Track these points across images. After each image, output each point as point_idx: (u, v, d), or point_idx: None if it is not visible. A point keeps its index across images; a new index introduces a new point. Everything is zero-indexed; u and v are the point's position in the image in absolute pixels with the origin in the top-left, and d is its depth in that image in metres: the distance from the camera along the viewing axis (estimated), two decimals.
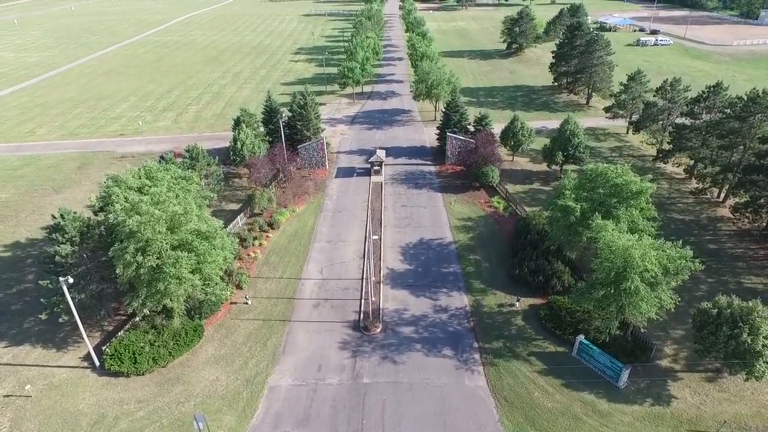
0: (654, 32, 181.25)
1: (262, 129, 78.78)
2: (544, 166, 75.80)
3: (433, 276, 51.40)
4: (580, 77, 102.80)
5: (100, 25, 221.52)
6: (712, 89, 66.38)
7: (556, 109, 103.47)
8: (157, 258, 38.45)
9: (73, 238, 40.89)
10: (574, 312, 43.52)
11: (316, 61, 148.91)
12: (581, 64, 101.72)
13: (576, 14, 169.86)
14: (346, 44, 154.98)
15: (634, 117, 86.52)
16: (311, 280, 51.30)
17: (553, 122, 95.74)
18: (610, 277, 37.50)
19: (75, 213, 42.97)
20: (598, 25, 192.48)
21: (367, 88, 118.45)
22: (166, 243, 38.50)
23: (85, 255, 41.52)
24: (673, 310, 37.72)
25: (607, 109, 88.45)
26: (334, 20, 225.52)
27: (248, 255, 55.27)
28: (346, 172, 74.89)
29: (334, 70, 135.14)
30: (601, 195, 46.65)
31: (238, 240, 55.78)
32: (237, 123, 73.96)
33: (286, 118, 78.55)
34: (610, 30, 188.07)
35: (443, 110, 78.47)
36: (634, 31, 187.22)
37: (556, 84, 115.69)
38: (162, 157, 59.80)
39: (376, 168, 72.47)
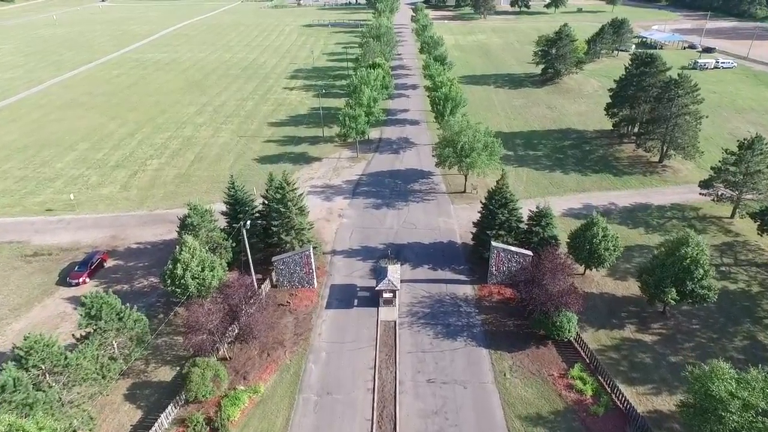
0: (708, 50, 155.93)
1: (222, 221, 55.54)
2: (631, 286, 51.95)
3: None
4: (653, 129, 78.29)
5: (80, 37, 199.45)
6: None
7: (622, 170, 79.08)
8: None
9: None
10: None
11: (314, 88, 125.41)
12: (656, 112, 77.29)
13: (620, 30, 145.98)
14: (348, 70, 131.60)
15: (747, 197, 62.55)
16: None
17: (622, 194, 71.85)
18: None
19: None
20: (639, 40, 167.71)
21: (375, 133, 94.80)
22: None
23: None
24: None
25: (705, 184, 64.22)
26: (338, 32, 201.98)
27: None
28: (343, 297, 51.26)
29: (334, 102, 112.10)
30: None
31: None
32: (183, 226, 50.56)
33: (256, 213, 55.19)
34: (654, 47, 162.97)
35: (484, 202, 54.39)
36: (684, 48, 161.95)
37: (614, 131, 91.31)
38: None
39: (386, 296, 48.89)
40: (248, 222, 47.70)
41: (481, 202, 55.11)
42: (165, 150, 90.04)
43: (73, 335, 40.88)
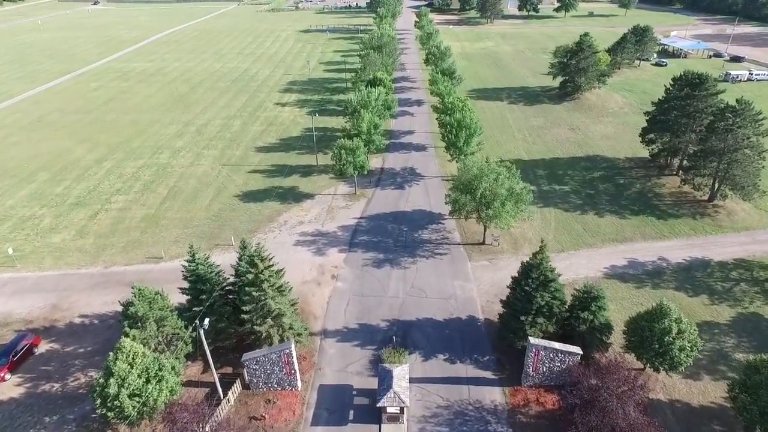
0: (737, 59, 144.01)
1: (180, 299, 43.68)
2: (708, 388, 40.16)
3: None
4: (703, 163, 66.31)
5: (63, 44, 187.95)
6: None
7: (666, 212, 67.14)
8: None
9: None
10: None
11: (309, 104, 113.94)
12: (708, 143, 65.35)
13: (643, 38, 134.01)
14: (347, 83, 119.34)
15: None
16: None
17: (672, 245, 59.98)
18: None
19: None
20: (660, 48, 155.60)
21: (376, 161, 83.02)
22: None
23: None
24: None
25: None
26: (337, 38, 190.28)
27: None
28: (336, 405, 39.39)
29: (330, 122, 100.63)
30: None
31: None
32: (125, 316, 38.75)
33: (227, 286, 43.41)
34: (677, 56, 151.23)
35: (516, 277, 42.52)
36: (710, 57, 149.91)
37: (652, 162, 79.53)
38: None
39: (391, 412, 37.10)
40: (207, 321, 35.83)
41: (512, 277, 43.23)
42: (135, 183, 78.26)
43: None
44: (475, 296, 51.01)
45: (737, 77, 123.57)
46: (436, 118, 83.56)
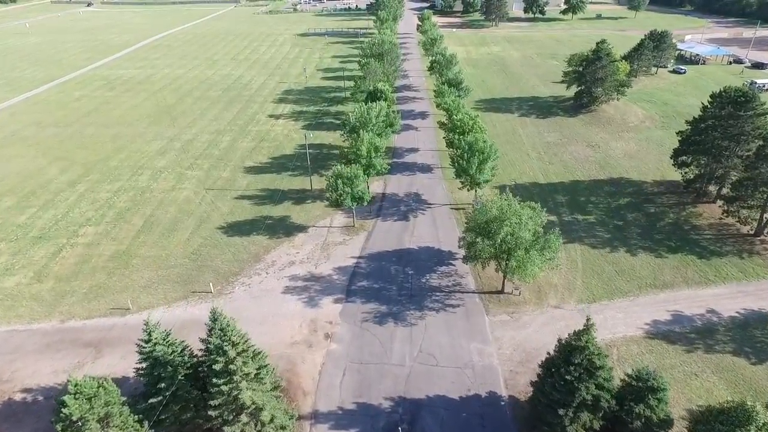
0: (759, 65, 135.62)
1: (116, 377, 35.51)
2: None
3: None
4: (751, 192, 58.07)
5: (50, 48, 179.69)
6: None
7: (707, 248, 58.70)
8: None
9: None
10: None
11: (306, 116, 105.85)
12: (756, 170, 57.08)
13: (661, 44, 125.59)
14: (345, 92, 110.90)
15: None
16: None
17: (721, 292, 51.82)
18: None
19: None
20: (677, 54, 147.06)
21: (377, 184, 74.95)
22: None
23: None
24: None
25: None
26: (336, 42, 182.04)
27: None
28: None
29: (327, 137, 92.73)
30: None
31: None
32: (59, 418, 30.52)
33: (196, 362, 35.13)
34: (695, 62, 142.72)
35: (550, 355, 34.27)
36: (729, 63, 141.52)
37: (684, 185, 71.24)
38: None
39: None
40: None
41: (547, 353, 34.94)
42: (108, 210, 70.05)
43: None
44: (496, 364, 42.74)
45: (764, 86, 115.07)
46: (444, 137, 75.39)
